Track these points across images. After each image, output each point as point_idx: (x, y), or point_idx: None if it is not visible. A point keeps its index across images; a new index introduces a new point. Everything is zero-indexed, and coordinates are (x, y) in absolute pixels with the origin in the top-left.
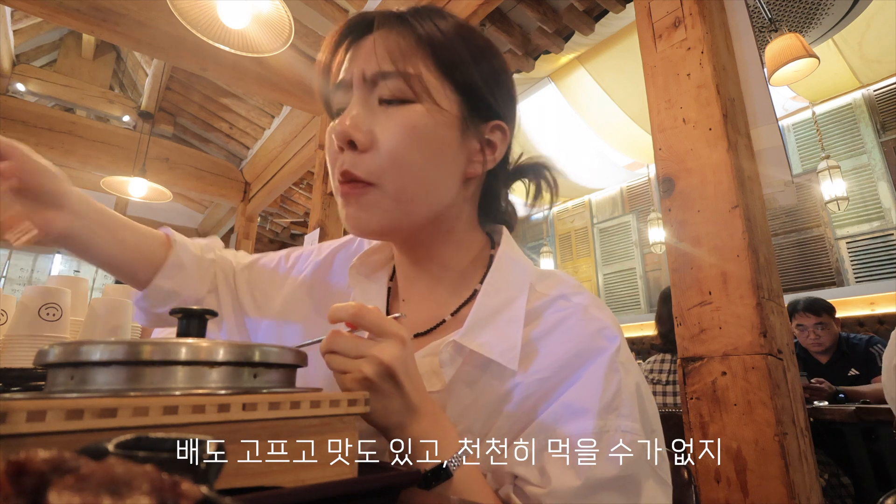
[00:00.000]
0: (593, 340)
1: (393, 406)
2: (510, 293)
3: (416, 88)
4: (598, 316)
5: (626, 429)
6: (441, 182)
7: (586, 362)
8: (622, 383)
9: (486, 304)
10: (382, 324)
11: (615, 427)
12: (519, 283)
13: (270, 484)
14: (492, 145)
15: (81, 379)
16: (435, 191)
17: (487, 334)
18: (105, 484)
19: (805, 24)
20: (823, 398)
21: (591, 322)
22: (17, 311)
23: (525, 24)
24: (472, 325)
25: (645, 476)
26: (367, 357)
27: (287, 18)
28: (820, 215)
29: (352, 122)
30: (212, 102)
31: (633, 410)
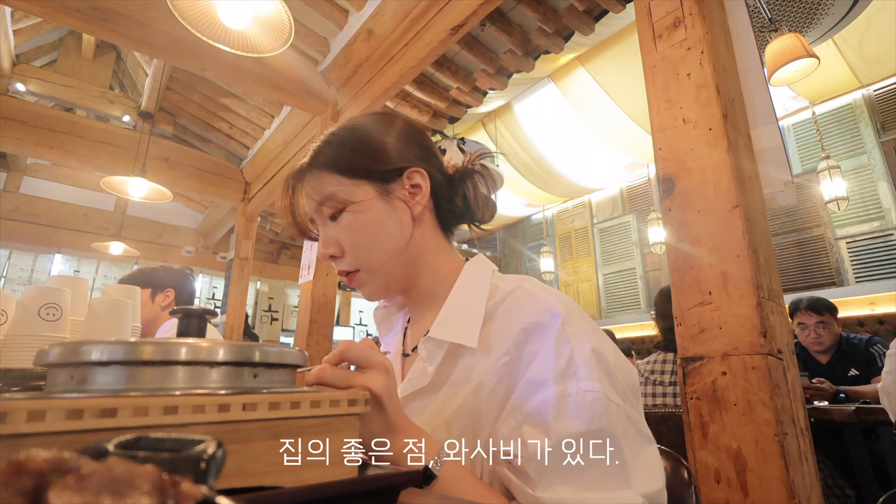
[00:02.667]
0: (538, 317)
1: (376, 428)
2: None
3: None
4: (542, 297)
5: (586, 388)
6: (393, 241)
7: (536, 337)
8: (574, 351)
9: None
10: (368, 356)
11: (575, 389)
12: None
13: (270, 484)
14: (416, 187)
15: (81, 379)
16: (394, 249)
17: (451, 326)
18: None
19: (805, 24)
20: (824, 398)
21: (537, 303)
22: (17, 311)
23: (525, 24)
24: (440, 322)
25: (623, 431)
26: (355, 387)
27: (287, 18)
28: (820, 215)
29: (323, 245)
30: (212, 102)
31: (591, 371)
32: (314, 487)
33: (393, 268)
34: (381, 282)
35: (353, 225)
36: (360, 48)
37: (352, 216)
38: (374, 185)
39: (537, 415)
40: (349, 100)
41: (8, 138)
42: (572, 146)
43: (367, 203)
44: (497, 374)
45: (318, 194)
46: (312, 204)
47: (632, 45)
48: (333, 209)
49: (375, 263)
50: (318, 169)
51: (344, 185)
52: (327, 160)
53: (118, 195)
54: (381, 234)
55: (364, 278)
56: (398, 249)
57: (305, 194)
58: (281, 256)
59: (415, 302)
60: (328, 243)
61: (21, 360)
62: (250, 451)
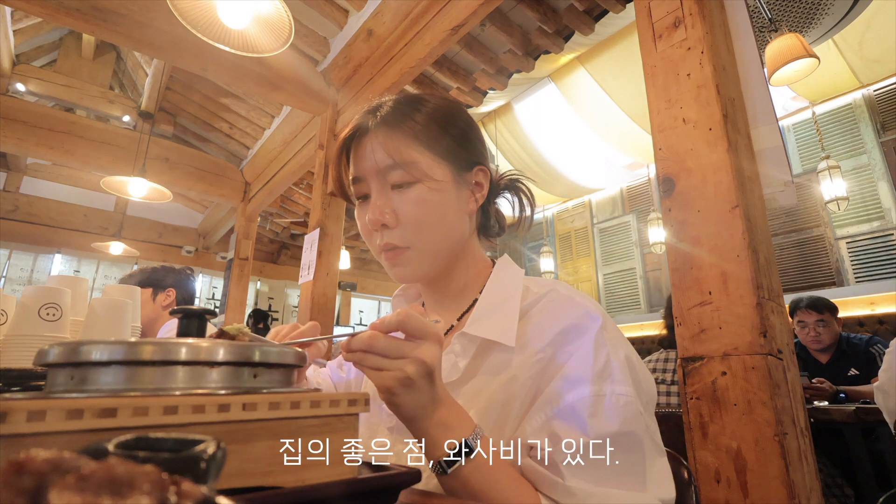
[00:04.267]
0: (578, 320)
1: (422, 400)
2: (505, 294)
3: (415, 173)
4: (580, 301)
5: (620, 392)
6: (453, 230)
7: (574, 338)
8: (610, 355)
9: (486, 303)
10: (426, 327)
11: (610, 391)
12: (513, 286)
13: (271, 484)
14: (479, 185)
15: (81, 379)
16: (451, 238)
17: (487, 324)
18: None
19: (805, 24)
20: (824, 398)
21: (575, 306)
22: (17, 311)
23: (525, 24)
24: (474, 319)
25: (644, 436)
26: (409, 358)
27: (287, 18)
28: (820, 215)
29: (378, 210)
30: (212, 102)
31: (625, 377)
32: (314, 487)
33: (442, 255)
34: (427, 265)
35: (424, 201)
36: (360, 48)
37: (425, 192)
38: (452, 170)
39: (571, 411)
40: (349, 100)
41: (8, 138)
42: (572, 146)
43: (443, 184)
44: (531, 370)
45: (396, 156)
46: (383, 163)
47: (632, 45)
48: (405, 178)
49: (430, 246)
50: (401, 132)
51: (426, 158)
52: (416, 128)
53: (118, 195)
54: (446, 218)
55: (412, 258)
56: (454, 238)
57: (375, 151)
58: (281, 256)
59: (438, 294)
60: (384, 211)
61: (21, 360)
62: (250, 451)
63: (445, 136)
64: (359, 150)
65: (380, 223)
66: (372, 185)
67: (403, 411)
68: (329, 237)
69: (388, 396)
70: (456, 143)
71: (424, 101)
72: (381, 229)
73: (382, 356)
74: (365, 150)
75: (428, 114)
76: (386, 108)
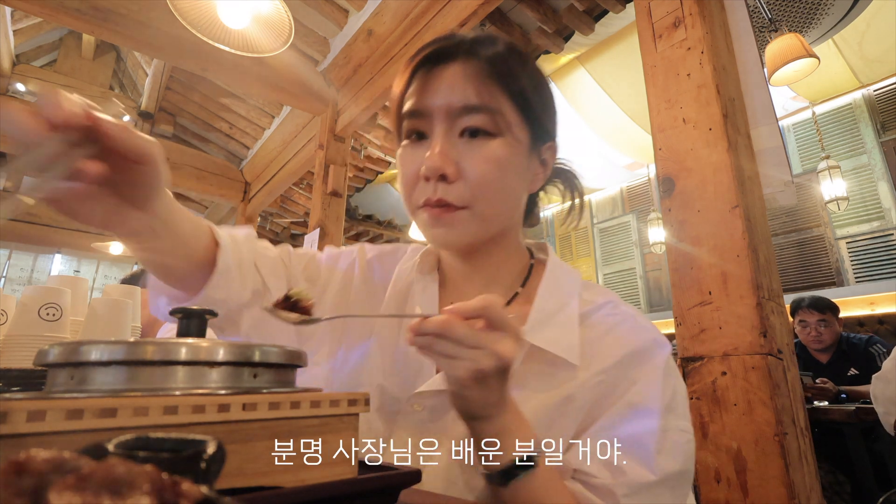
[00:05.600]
0: (647, 344)
1: (492, 399)
2: (562, 298)
3: (500, 124)
4: (647, 325)
5: (682, 428)
6: (515, 202)
7: (641, 364)
8: (676, 387)
9: (543, 308)
10: (506, 318)
11: (674, 426)
12: (569, 290)
13: (271, 484)
14: (545, 163)
15: (81, 379)
16: (511, 209)
17: (548, 333)
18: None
19: (805, 24)
20: (826, 398)
21: (643, 330)
22: (17, 311)
23: (525, 24)
24: (533, 325)
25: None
26: (486, 350)
27: (287, 18)
28: (820, 215)
29: (441, 157)
30: (212, 102)
31: (686, 412)
32: (314, 487)
33: (494, 228)
34: (477, 233)
35: (498, 160)
36: (360, 48)
37: (500, 149)
38: (531, 136)
39: (635, 443)
40: (349, 100)
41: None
42: (572, 146)
43: (521, 148)
44: (591, 392)
45: (485, 98)
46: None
47: (632, 45)
48: (484, 127)
49: (490, 210)
50: (496, 73)
51: (511, 114)
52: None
53: None
54: (514, 186)
55: (464, 220)
56: (511, 213)
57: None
58: None
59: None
60: (449, 159)
61: (21, 360)
62: (250, 451)
63: (536, 95)
64: (432, 79)
65: (440, 172)
66: (437, 124)
67: (469, 407)
68: (329, 237)
69: (457, 388)
70: (543, 107)
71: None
72: (437, 181)
73: (457, 343)
74: (441, 82)
75: (523, 64)
76: (475, 40)
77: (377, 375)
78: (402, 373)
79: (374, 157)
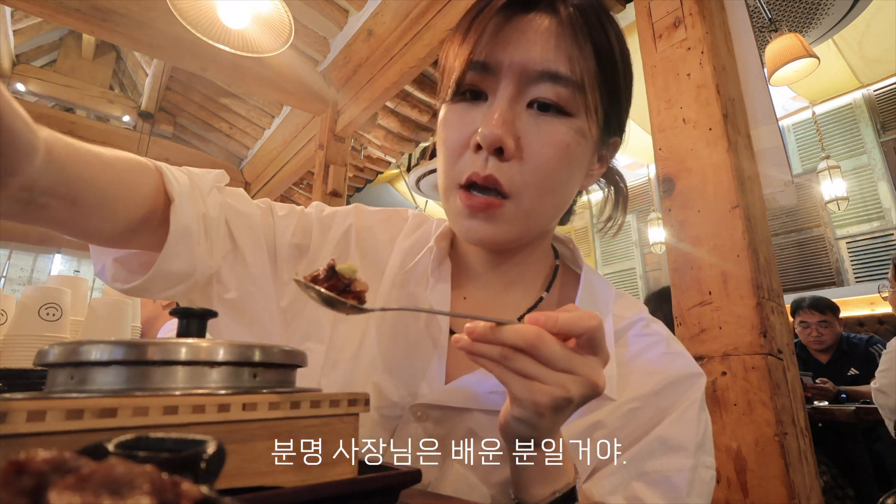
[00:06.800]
0: (684, 375)
1: (556, 426)
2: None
3: (583, 104)
4: (682, 351)
5: (709, 465)
6: (566, 200)
7: (677, 396)
8: (707, 423)
9: None
10: (604, 342)
11: (703, 463)
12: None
13: (271, 484)
14: (604, 160)
15: (81, 379)
16: (559, 208)
17: None
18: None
19: (805, 24)
20: (826, 398)
21: (677, 357)
22: (17, 311)
23: None
24: None
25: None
26: (579, 376)
27: (287, 18)
28: (820, 215)
29: (504, 127)
30: (212, 102)
31: (712, 447)
32: (314, 487)
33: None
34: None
35: (566, 146)
36: (360, 48)
37: (571, 134)
38: (602, 126)
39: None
40: (349, 100)
41: None
42: None
43: (591, 136)
44: (621, 421)
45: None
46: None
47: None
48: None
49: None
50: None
51: (595, 94)
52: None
53: None
54: (573, 180)
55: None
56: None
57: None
58: None
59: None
60: (511, 130)
61: (21, 360)
62: (250, 451)
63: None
64: (509, 29)
65: (498, 143)
66: (504, 85)
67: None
68: None
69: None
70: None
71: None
72: (491, 155)
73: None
74: (521, 34)
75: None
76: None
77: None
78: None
79: (374, 157)
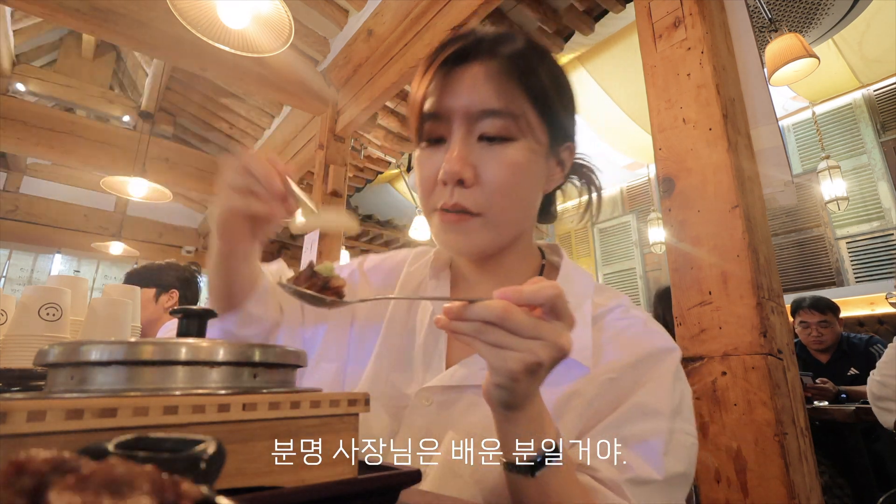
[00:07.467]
0: (658, 350)
1: (532, 390)
2: (576, 300)
3: (520, 127)
4: (658, 330)
5: (688, 431)
6: (530, 206)
7: (652, 367)
8: (684, 391)
9: None
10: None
11: (680, 429)
12: (583, 293)
13: (271, 484)
14: (562, 164)
15: (81, 379)
16: (525, 215)
17: None
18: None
19: (805, 24)
20: (826, 398)
21: (653, 334)
22: (17, 311)
23: (525, 24)
24: None
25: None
26: (546, 341)
27: (287, 18)
28: (820, 215)
29: (460, 162)
30: (212, 102)
31: (691, 416)
32: (314, 487)
33: (509, 233)
34: (491, 241)
35: (516, 165)
36: (360, 48)
37: (519, 154)
38: (550, 138)
39: (642, 442)
40: (349, 100)
41: (8, 138)
42: None
43: (540, 151)
44: (598, 389)
45: (505, 102)
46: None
47: (632, 45)
48: (505, 132)
49: (503, 219)
50: (517, 75)
51: (532, 117)
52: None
53: (118, 195)
54: (530, 190)
55: (479, 227)
56: (527, 217)
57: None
58: (281, 256)
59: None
60: (466, 163)
61: (21, 360)
62: (250, 451)
63: (557, 96)
64: (451, 80)
65: (457, 177)
66: (456, 128)
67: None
68: (329, 237)
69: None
70: (563, 108)
71: (538, 47)
72: (454, 186)
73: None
74: (460, 84)
75: (545, 64)
76: (496, 39)
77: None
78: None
79: (374, 157)
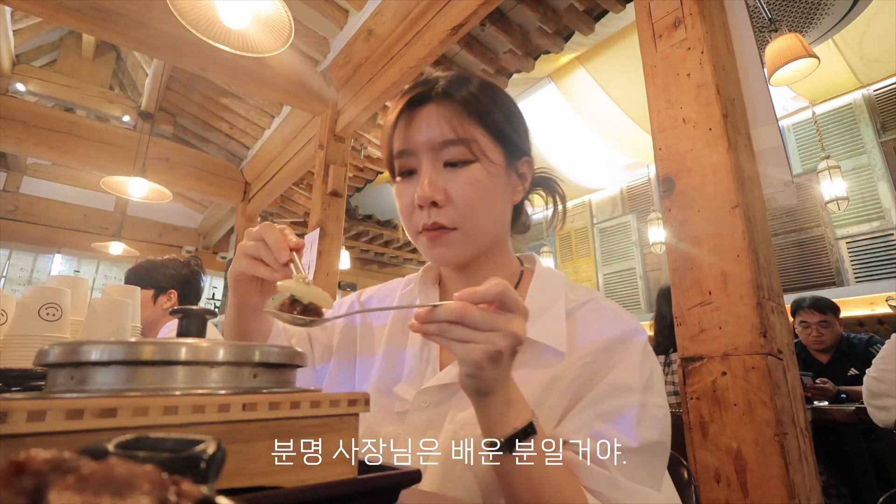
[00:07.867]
0: (627, 332)
1: (501, 375)
2: (550, 297)
3: (476, 151)
4: (626, 317)
5: (659, 404)
6: (499, 216)
7: (622, 349)
8: (653, 368)
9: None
10: (519, 300)
11: (652, 402)
12: (556, 290)
13: (271, 484)
14: (523, 176)
15: (81, 379)
16: (496, 223)
17: (538, 326)
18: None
19: (805, 24)
20: (826, 398)
21: (623, 321)
22: (17, 311)
23: (525, 24)
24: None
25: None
26: (501, 331)
27: (287, 18)
28: (820, 215)
29: (431, 187)
30: (212, 102)
31: (662, 391)
32: (314, 487)
33: (486, 242)
34: (470, 250)
35: (479, 182)
36: (360, 48)
37: (479, 173)
38: (505, 156)
39: (618, 416)
40: (349, 100)
41: (8, 138)
42: (572, 146)
43: (497, 168)
44: (576, 372)
45: (459, 132)
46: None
47: (632, 45)
48: (463, 156)
49: (477, 229)
50: (465, 107)
51: (486, 139)
52: (479, 106)
53: (118, 195)
54: (496, 202)
55: (457, 239)
56: (499, 226)
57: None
58: None
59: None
60: (437, 187)
61: (21, 360)
62: (250, 451)
63: (505, 121)
64: (413, 122)
65: (430, 200)
66: (423, 160)
67: (480, 386)
68: (329, 237)
69: (472, 370)
70: (512, 129)
71: (484, 83)
72: (429, 208)
73: (472, 328)
74: (421, 123)
75: (490, 95)
76: (447, 82)
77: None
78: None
79: (374, 157)
